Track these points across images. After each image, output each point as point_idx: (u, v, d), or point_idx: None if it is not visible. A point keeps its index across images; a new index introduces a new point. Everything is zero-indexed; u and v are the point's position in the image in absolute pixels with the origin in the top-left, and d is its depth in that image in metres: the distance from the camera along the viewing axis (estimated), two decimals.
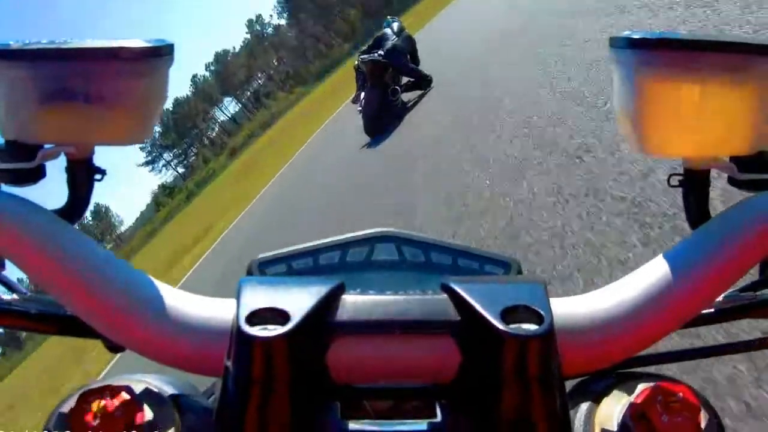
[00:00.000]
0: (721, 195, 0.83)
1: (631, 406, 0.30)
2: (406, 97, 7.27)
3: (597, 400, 0.32)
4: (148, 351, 0.31)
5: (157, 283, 0.32)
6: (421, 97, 7.19)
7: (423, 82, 7.19)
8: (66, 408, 0.30)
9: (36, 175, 0.37)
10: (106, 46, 0.33)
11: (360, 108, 7.17)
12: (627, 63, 0.34)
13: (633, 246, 1.95)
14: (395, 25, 7.45)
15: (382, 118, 6.78)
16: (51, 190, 0.38)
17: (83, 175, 0.39)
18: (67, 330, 0.38)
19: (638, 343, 0.32)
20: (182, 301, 0.31)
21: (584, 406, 0.32)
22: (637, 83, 0.34)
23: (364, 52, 7.18)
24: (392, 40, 7.03)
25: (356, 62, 7.44)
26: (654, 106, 0.34)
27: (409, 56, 7.13)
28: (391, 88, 6.85)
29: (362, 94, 7.09)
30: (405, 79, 7.24)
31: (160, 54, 0.35)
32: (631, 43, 0.33)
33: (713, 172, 0.39)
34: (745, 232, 0.32)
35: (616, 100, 0.37)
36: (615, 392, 0.32)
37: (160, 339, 0.30)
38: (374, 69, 6.70)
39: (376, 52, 6.81)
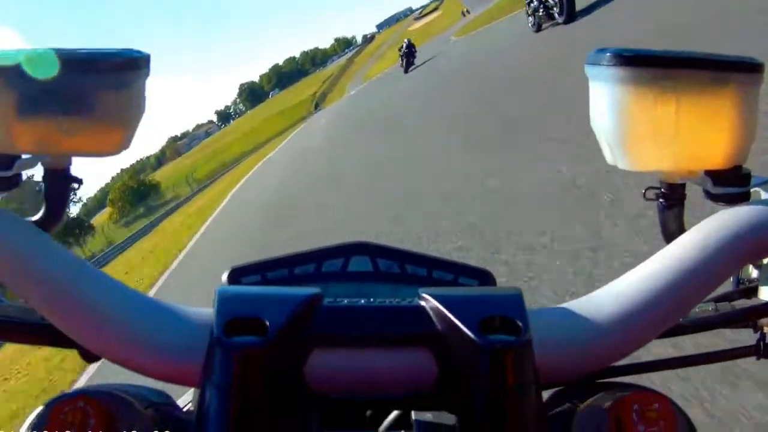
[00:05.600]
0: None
1: (608, 415, 0.30)
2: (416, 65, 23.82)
3: (574, 409, 0.32)
4: (123, 361, 0.30)
5: (134, 292, 0.32)
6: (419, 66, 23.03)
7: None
8: (40, 417, 0.29)
9: (12, 183, 0.37)
10: (84, 57, 0.33)
11: (401, 65, 24.12)
12: (604, 79, 0.35)
13: None
14: (406, 42, 24.05)
15: (408, 70, 23.22)
16: None
17: (60, 186, 0.39)
18: (43, 339, 0.37)
19: (615, 353, 0.32)
20: (159, 311, 0.31)
21: (561, 416, 0.32)
22: (614, 99, 0.34)
23: (400, 49, 24.52)
24: (407, 45, 23.91)
25: (399, 50, 24.67)
26: (631, 122, 0.34)
27: (414, 50, 24.03)
28: (412, 59, 23.69)
29: (401, 61, 23.97)
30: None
31: (138, 66, 0.35)
32: (608, 60, 0.34)
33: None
34: (721, 244, 0.32)
35: (594, 116, 0.37)
36: (592, 402, 0.32)
37: (136, 349, 0.30)
38: (405, 53, 23.77)
39: (404, 47, 23.78)
